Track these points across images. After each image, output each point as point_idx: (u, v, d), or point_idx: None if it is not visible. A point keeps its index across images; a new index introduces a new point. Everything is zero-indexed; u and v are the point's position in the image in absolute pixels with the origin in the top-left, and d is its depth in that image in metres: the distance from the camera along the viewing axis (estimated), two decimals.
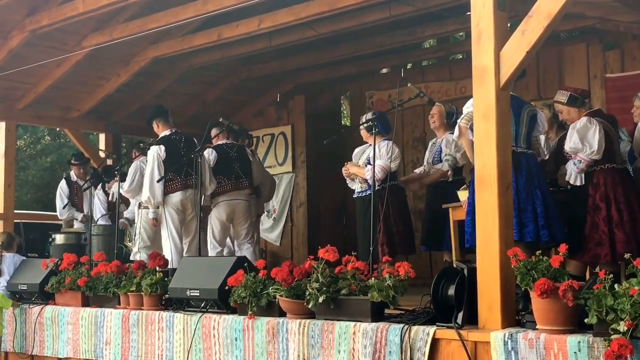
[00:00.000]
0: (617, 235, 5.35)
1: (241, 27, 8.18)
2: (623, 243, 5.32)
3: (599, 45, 8.72)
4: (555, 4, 4.35)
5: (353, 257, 5.06)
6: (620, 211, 5.39)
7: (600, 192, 5.46)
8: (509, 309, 4.38)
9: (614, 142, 5.57)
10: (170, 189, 7.30)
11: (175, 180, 7.31)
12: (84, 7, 7.52)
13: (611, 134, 5.57)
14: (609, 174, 5.49)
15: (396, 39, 9.25)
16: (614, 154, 5.57)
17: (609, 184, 5.46)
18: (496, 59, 4.49)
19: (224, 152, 7.87)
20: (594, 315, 3.79)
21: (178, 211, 7.33)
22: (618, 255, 5.33)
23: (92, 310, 6.51)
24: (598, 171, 5.53)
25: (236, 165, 7.85)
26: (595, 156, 5.48)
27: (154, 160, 7.23)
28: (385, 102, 10.30)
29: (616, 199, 5.43)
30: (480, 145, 4.55)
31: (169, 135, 7.49)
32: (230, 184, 7.79)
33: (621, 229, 5.35)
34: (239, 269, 5.54)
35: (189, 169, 7.26)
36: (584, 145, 5.48)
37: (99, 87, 9.71)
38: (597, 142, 5.44)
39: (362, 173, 6.95)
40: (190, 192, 7.34)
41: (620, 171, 5.57)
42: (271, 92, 11.05)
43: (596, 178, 5.51)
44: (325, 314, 4.96)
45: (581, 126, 5.52)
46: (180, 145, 7.45)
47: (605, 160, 5.52)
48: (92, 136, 13.29)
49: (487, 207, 4.45)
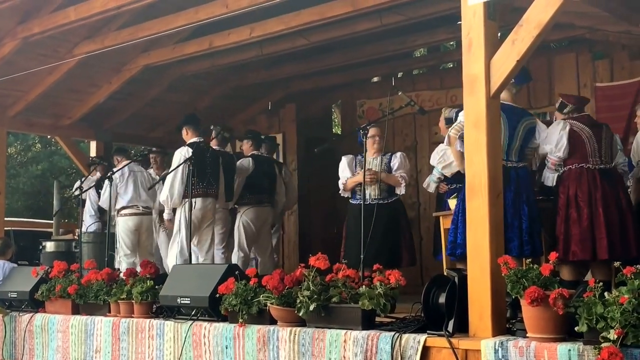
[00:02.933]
0: (572, 232, 5.37)
1: (232, 35, 8.20)
2: (577, 241, 5.34)
3: (588, 55, 8.77)
4: (545, 13, 4.38)
5: (344, 265, 5.07)
6: (580, 210, 5.40)
7: (564, 192, 5.51)
8: (500, 317, 4.40)
9: (585, 142, 5.59)
10: (191, 193, 7.21)
11: (197, 186, 7.30)
12: (76, 15, 7.52)
13: (583, 133, 5.59)
14: (576, 174, 5.54)
15: (387, 48, 9.28)
16: (585, 153, 5.59)
17: (572, 183, 5.50)
18: (486, 68, 4.52)
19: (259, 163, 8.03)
20: (584, 323, 3.81)
21: (195, 217, 7.25)
22: (571, 252, 5.35)
23: (82, 318, 6.48)
24: (567, 172, 5.59)
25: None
26: (557, 153, 5.54)
27: (179, 162, 7.21)
28: (376, 111, 10.33)
29: (577, 197, 5.45)
30: (470, 154, 4.57)
31: (197, 142, 7.49)
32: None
33: (577, 227, 5.36)
34: (230, 277, 5.54)
35: (211, 179, 7.34)
36: (547, 144, 5.56)
37: (90, 95, 9.71)
38: (556, 139, 5.53)
39: (396, 180, 6.93)
40: (210, 200, 7.38)
41: (592, 171, 5.56)
42: (262, 101, 11.07)
43: (565, 179, 5.57)
44: (316, 322, 4.96)
45: (550, 127, 5.63)
46: (207, 155, 7.49)
47: (573, 160, 5.57)
48: (83, 144, 13.25)
49: (477, 216, 4.47)
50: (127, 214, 8.32)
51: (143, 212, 8.37)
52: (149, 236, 8.53)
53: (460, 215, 5.42)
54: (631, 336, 3.63)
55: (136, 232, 8.39)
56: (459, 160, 5.64)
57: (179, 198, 7.23)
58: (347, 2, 7.13)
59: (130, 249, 8.26)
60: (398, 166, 6.98)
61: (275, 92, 11.01)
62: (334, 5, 7.25)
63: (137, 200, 8.33)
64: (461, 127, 5.49)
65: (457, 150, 5.57)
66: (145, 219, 8.41)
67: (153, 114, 10.71)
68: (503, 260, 4.24)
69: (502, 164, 4.80)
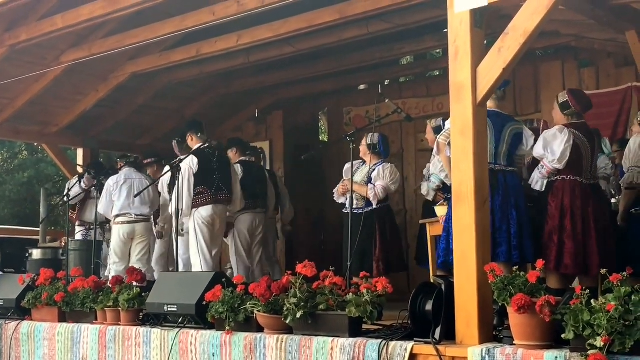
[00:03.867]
0: (566, 245, 5.35)
1: (220, 43, 8.20)
2: (570, 254, 5.33)
3: (574, 63, 8.82)
4: (531, 22, 4.41)
5: (331, 273, 5.07)
6: (575, 223, 5.36)
7: (557, 202, 5.45)
8: (487, 325, 4.40)
9: (583, 157, 5.53)
10: (200, 202, 7.20)
11: (206, 193, 7.21)
12: (63, 23, 7.51)
13: (583, 148, 5.53)
14: (570, 186, 5.45)
15: (374, 56, 9.30)
16: (581, 168, 5.52)
17: (567, 195, 5.43)
18: (473, 75, 4.54)
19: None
20: (571, 330, 3.82)
21: (208, 225, 7.21)
22: (563, 265, 5.34)
23: (69, 326, 6.45)
24: (560, 181, 5.50)
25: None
26: (557, 164, 5.44)
27: (185, 172, 7.15)
28: (363, 118, 10.35)
29: (572, 209, 5.39)
30: (457, 161, 4.59)
31: (203, 148, 7.37)
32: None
33: (571, 240, 5.34)
34: (217, 284, 5.53)
35: (220, 184, 7.25)
36: (546, 151, 5.49)
37: (77, 103, 9.69)
38: (560, 151, 5.41)
39: (364, 191, 6.98)
40: (221, 207, 7.31)
41: (584, 186, 5.50)
42: (249, 108, 11.07)
43: (557, 188, 5.49)
44: (303, 330, 4.96)
45: (550, 134, 5.52)
46: (214, 160, 7.37)
47: (569, 172, 5.48)
48: (70, 151, 13.20)
49: (464, 223, 4.48)
50: (120, 222, 8.23)
51: (136, 220, 8.27)
52: (141, 244, 8.37)
53: (447, 224, 5.43)
54: (617, 343, 3.64)
55: (128, 241, 8.30)
56: (449, 166, 5.65)
57: (187, 209, 7.18)
58: (334, 10, 7.16)
59: (119, 257, 8.19)
60: (375, 177, 7.04)
61: (262, 100, 11.02)
62: (321, 13, 7.27)
63: (129, 208, 8.23)
64: (449, 133, 5.49)
65: (447, 156, 5.58)
66: (139, 226, 8.31)
67: (140, 121, 10.69)
68: (490, 268, 4.24)
69: (489, 169, 4.82)
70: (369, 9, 6.95)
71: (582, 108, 5.66)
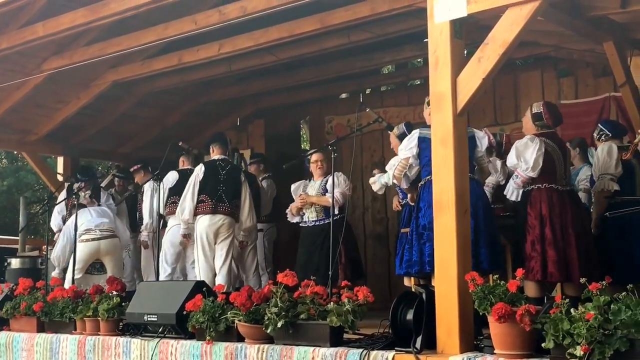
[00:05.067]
0: (549, 253, 5.38)
1: (201, 52, 8.19)
2: (554, 262, 5.36)
3: (553, 73, 8.89)
4: (510, 32, 4.45)
5: (312, 282, 5.07)
6: (554, 231, 5.39)
7: (536, 212, 5.50)
8: (467, 334, 4.42)
9: (556, 164, 5.58)
10: (200, 211, 7.34)
11: (206, 202, 7.32)
12: (44, 31, 7.47)
13: (555, 155, 5.59)
14: (546, 194, 5.50)
15: (355, 65, 9.33)
16: (555, 175, 5.57)
17: (544, 203, 5.48)
18: (453, 85, 4.57)
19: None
20: (551, 339, 3.84)
21: (206, 234, 7.31)
22: (549, 274, 5.37)
23: (48, 336, 6.40)
24: (535, 190, 5.54)
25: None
26: (531, 173, 5.49)
27: (192, 179, 7.39)
28: (344, 127, 10.36)
29: (551, 218, 5.43)
30: (438, 171, 4.61)
31: (216, 160, 7.56)
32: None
33: (553, 248, 5.37)
34: (198, 294, 5.51)
35: (223, 195, 7.34)
36: (519, 161, 5.54)
37: (58, 111, 9.63)
38: (533, 159, 5.46)
39: (325, 201, 7.01)
40: (220, 217, 7.35)
41: (560, 192, 5.55)
42: (231, 116, 11.05)
43: (533, 197, 5.54)
44: (284, 339, 4.95)
45: (522, 143, 5.58)
46: (222, 172, 7.48)
47: (543, 180, 5.52)
48: (50, 159, 13.13)
49: (445, 232, 4.50)
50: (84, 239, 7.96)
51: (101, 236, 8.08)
52: (112, 259, 8.18)
53: (415, 233, 5.43)
54: (597, 352, 3.67)
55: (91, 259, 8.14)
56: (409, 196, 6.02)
57: (189, 214, 7.32)
58: (315, 19, 7.17)
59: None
60: (330, 187, 7.04)
61: (244, 108, 11.01)
62: (302, 23, 7.29)
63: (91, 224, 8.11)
64: (404, 164, 5.66)
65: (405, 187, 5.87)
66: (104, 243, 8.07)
67: (121, 129, 10.64)
68: (470, 277, 4.26)
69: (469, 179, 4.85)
70: (349, 18, 6.98)
71: (553, 122, 5.75)
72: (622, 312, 3.70)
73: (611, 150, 5.97)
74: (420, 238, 5.33)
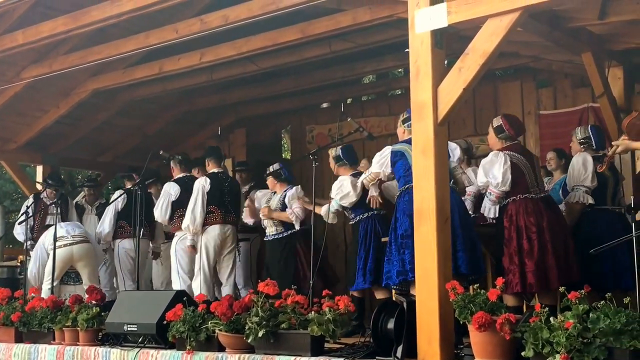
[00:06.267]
0: (527, 265, 5.41)
1: (183, 60, 8.17)
2: (532, 273, 5.39)
3: (532, 83, 8.96)
4: (490, 43, 4.49)
5: (293, 291, 5.07)
6: (531, 241, 5.42)
7: (512, 224, 5.54)
8: (448, 342, 4.43)
9: (525, 174, 5.62)
10: (210, 221, 7.35)
11: (216, 213, 7.38)
12: (24, 39, 7.43)
13: (522, 165, 5.63)
14: (522, 205, 5.54)
15: (336, 74, 9.35)
16: (526, 185, 5.60)
17: (520, 214, 5.51)
18: (434, 95, 4.60)
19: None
20: (531, 348, 3.87)
21: (215, 244, 7.34)
22: (528, 285, 5.41)
23: (26, 347, 6.35)
24: (511, 203, 5.58)
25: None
26: (502, 188, 5.54)
27: (198, 191, 7.37)
28: (325, 136, 10.38)
29: (527, 228, 5.46)
30: (418, 180, 4.63)
31: (217, 172, 7.62)
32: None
33: (531, 259, 5.40)
34: (178, 303, 5.49)
35: (229, 206, 7.44)
36: (489, 177, 5.60)
37: (37, 119, 9.56)
38: (501, 174, 5.52)
39: (285, 217, 7.17)
40: (229, 227, 7.46)
41: (535, 200, 5.58)
42: (212, 125, 11.03)
43: (509, 210, 5.58)
44: (264, 349, 4.94)
45: (487, 160, 5.65)
46: (225, 184, 7.58)
47: (516, 191, 5.56)
48: (29, 168, 13.03)
49: (425, 241, 4.51)
50: (59, 245, 7.91)
51: (73, 242, 8.03)
52: (86, 264, 8.19)
53: (394, 245, 5.45)
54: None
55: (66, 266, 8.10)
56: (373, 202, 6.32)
57: (200, 225, 7.32)
58: (297, 28, 7.19)
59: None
60: (289, 202, 7.22)
61: (225, 117, 10.99)
62: (284, 32, 7.30)
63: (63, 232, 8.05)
64: (374, 176, 5.94)
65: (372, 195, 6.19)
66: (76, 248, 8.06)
67: (102, 138, 10.59)
68: (451, 286, 4.28)
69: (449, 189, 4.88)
70: (330, 28, 7.00)
71: (515, 132, 5.83)
72: (600, 321, 3.73)
73: (586, 161, 6.02)
74: (400, 248, 5.34)
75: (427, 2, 4.69)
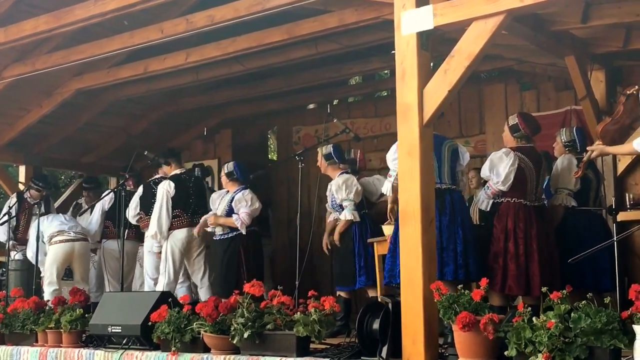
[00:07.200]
0: (510, 267, 5.44)
1: (168, 60, 8.14)
2: (514, 276, 5.41)
3: (516, 86, 9.01)
4: (475, 45, 4.52)
5: (279, 292, 5.07)
6: (517, 245, 5.45)
7: (502, 225, 5.56)
8: (433, 342, 4.45)
9: (528, 180, 5.63)
10: (176, 225, 7.30)
11: (182, 217, 7.34)
12: (6, 37, 7.37)
13: (528, 171, 5.64)
14: (514, 208, 5.56)
15: (323, 76, 9.36)
16: (525, 190, 5.63)
17: (510, 217, 5.53)
18: (420, 96, 4.62)
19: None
20: (514, 347, 3.90)
21: (182, 248, 7.30)
22: (508, 286, 5.42)
23: (8, 349, 6.31)
24: (505, 204, 5.60)
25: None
26: (501, 186, 5.55)
27: (162, 196, 7.31)
28: (311, 137, 10.38)
29: (515, 232, 5.48)
30: (404, 182, 4.65)
31: (179, 174, 7.57)
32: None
33: (514, 263, 5.42)
34: (163, 304, 5.47)
35: (196, 207, 7.39)
36: (492, 173, 5.61)
37: (19, 119, 9.49)
38: (505, 174, 5.52)
39: (230, 223, 7.10)
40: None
41: (528, 208, 5.60)
42: (198, 126, 11.01)
43: (501, 210, 5.60)
44: (250, 350, 4.94)
45: (497, 156, 5.64)
46: (190, 185, 7.55)
47: (512, 194, 5.58)
48: (11, 168, 12.95)
49: (410, 242, 4.53)
50: (57, 241, 8.06)
51: (75, 238, 8.13)
52: (82, 263, 8.22)
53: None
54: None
55: (67, 261, 8.13)
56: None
57: (166, 232, 7.27)
58: (283, 29, 7.19)
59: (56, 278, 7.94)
60: (236, 205, 7.15)
61: (211, 118, 10.97)
62: (270, 33, 7.29)
63: (64, 227, 8.08)
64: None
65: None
66: (78, 245, 8.15)
67: (85, 138, 10.53)
68: (435, 286, 4.30)
69: (436, 188, 4.90)
70: (317, 29, 7.00)
71: (531, 131, 5.81)
72: (582, 320, 3.77)
73: (571, 164, 6.04)
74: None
75: (413, 4, 4.71)
